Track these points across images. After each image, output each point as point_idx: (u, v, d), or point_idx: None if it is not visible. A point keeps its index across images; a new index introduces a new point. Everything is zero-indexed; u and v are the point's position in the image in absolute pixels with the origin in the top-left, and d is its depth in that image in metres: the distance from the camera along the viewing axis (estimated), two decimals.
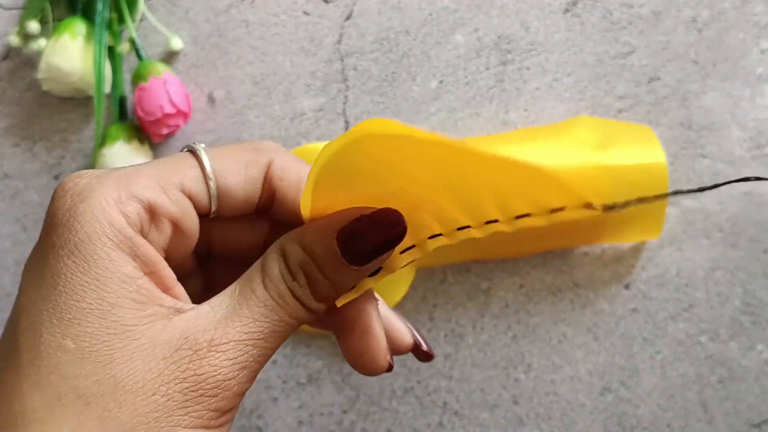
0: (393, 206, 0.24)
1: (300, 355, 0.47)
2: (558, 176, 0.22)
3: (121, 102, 0.47)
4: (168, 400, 0.20)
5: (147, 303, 0.21)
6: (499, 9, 0.47)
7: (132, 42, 0.47)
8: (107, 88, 0.47)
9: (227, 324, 0.21)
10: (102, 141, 0.46)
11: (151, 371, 0.20)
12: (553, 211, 0.24)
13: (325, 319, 0.26)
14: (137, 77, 0.46)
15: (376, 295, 0.27)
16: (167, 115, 0.45)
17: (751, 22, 0.47)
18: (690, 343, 0.46)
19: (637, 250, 0.46)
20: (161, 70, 0.46)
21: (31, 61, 0.49)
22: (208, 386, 0.20)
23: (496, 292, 0.46)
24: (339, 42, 0.48)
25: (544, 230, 0.28)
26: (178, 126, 0.46)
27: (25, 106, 0.49)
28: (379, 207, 0.24)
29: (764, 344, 0.45)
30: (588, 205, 0.24)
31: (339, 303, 0.24)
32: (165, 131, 0.46)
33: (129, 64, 0.48)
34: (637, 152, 0.42)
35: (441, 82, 0.47)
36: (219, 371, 0.20)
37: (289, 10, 0.48)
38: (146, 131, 0.46)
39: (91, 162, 0.47)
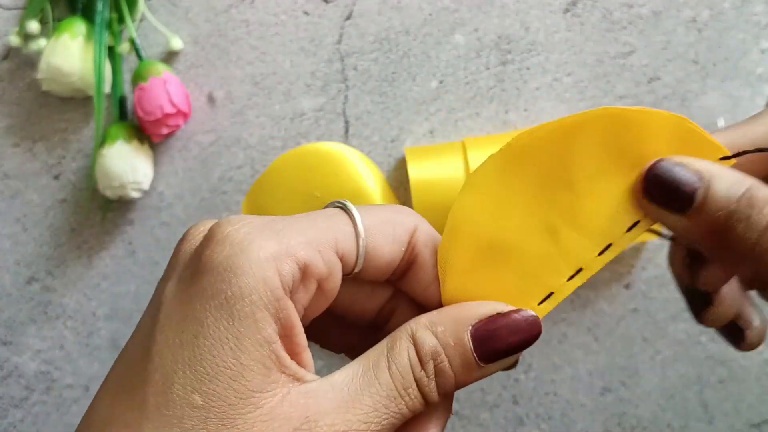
0: (534, 251, 0.24)
1: None
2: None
3: (121, 102, 0.47)
4: None
5: (273, 369, 0.21)
6: (499, 9, 0.47)
7: (132, 42, 0.47)
8: (107, 88, 0.47)
9: (348, 410, 0.21)
10: (102, 141, 0.46)
11: None
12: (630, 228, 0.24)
13: None
14: (137, 77, 0.46)
15: None
16: (167, 115, 0.45)
17: (751, 22, 0.47)
18: (690, 343, 0.46)
19: (637, 250, 0.46)
20: (161, 70, 0.46)
21: (31, 61, 0.49)
22: None
23: None
24: (339, 42, 0.48)
25: None
26: (178, 126, 0.46)
27: (25, 106, 0.49)
28: (519, 265, 0.24)
29: (765, 344, 0.45)
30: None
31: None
32: (165, 131, 0.46)
33: (129, 64, 0.48)
34: None
35: (441, 82, 0.47)
36: None
37: (289, 10, 0.48)
38: (146, 131, 0.46)
39: (91, 162, 0.47)
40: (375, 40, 0.48)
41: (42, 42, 0.47)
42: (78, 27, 0.46)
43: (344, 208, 0.23)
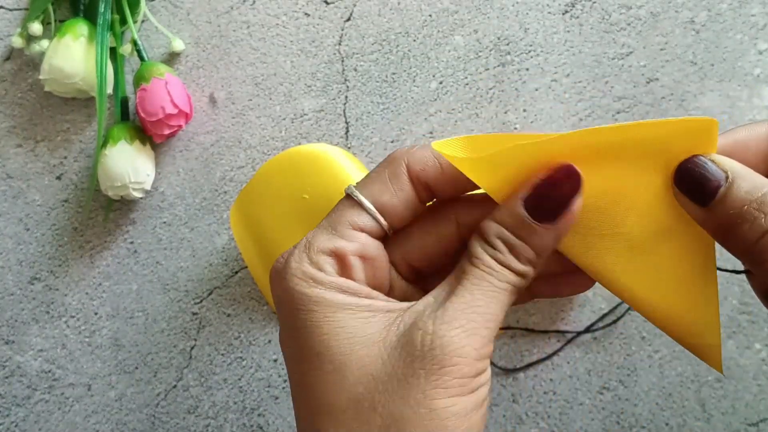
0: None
1: None
2: None
3: (123, 103, 0.48)
4: (408, 376, 0.23)
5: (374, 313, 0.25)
6: (499, 10, 0.48)
7: (134, 43, 0.47)
8: (109, 89, 0.47)
9: (445, 302, 0.25)
10: (104, 141, 0.46)
11: (382, 361, 0.24)
12: None
13: (535, 291, 0.29)
14: (139, 78, 0.46)
15: None
16: (169, 116, 0.45)
17: (748, 23, 0.47)
18: None
19: None
20: (163, 71, 0.46)
21: (33, 62, 0.49)
22: (446, 357, 0.23)
23: None
24: (339, 43, 0.48)
25: None
26: (179, 126, 0.46)
27: (27, 107, 0.49)
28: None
29: (762, 343, 0.46)
30: None
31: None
32: (167, 131, 0.46)
33: (131, 65, 0.49)
34: None
35: (441, 83, 0.48)
36: (451, 342, 0.23)
37: (289, 11, 0.49)
38: (148, 132, 0.47)
39: (94, 162, 0.47)
40: (375, 41, 0.48)
41: (44, 43, 0.47)
42: (80, 28, 0.46)
43: (349, 194, 0.28)
